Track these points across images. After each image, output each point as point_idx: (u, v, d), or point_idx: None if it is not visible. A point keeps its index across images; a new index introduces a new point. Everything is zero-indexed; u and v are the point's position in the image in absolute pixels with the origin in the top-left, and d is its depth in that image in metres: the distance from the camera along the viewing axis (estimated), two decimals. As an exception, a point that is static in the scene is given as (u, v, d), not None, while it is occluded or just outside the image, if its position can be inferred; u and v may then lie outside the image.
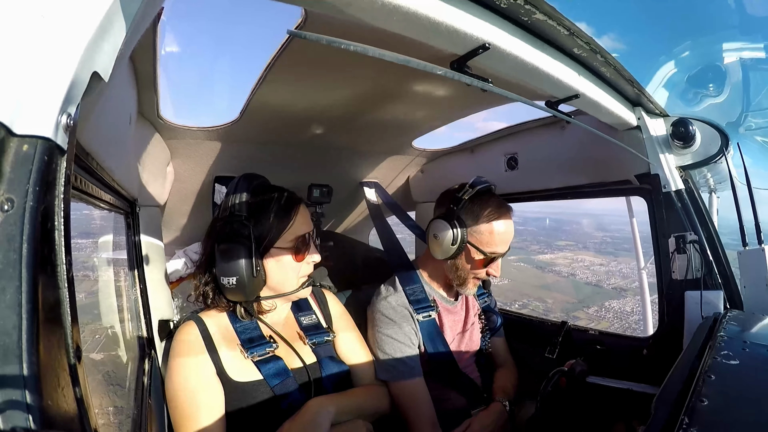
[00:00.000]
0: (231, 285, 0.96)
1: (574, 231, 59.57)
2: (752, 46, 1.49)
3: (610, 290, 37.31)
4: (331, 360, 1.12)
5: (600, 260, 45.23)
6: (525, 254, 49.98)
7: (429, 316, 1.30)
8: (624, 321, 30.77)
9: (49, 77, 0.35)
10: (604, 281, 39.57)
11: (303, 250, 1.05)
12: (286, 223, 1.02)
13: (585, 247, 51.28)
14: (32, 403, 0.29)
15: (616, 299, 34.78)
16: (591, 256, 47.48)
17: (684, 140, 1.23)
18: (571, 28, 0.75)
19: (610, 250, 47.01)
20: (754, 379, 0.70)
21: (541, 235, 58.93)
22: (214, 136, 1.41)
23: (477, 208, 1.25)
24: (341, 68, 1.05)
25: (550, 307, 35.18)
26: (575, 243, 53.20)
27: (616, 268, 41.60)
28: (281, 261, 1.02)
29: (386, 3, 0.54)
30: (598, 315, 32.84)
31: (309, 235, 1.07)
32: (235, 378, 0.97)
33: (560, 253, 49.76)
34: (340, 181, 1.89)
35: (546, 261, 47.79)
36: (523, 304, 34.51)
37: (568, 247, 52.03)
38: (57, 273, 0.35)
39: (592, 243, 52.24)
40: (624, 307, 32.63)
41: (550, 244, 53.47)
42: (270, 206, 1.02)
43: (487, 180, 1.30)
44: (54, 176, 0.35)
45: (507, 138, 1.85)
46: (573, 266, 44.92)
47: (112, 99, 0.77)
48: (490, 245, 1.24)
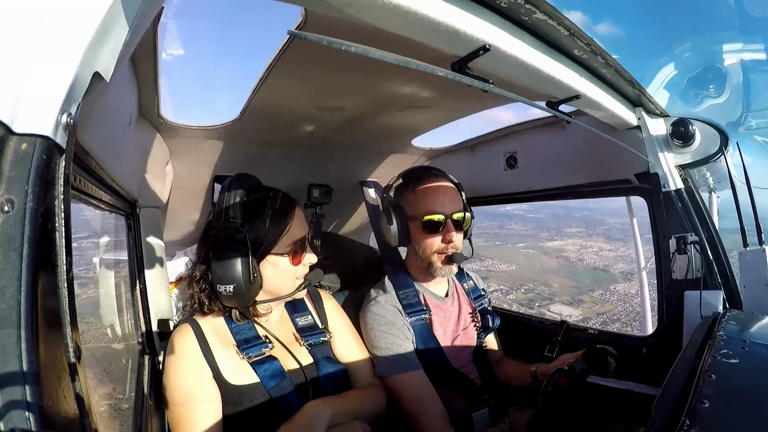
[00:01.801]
0: (228, 293, 0.95)
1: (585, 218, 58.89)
2: (752, 47, 1.49)
3: (616, 275, 37.34)
4: (328, 361, 1.12)
5: (609, 246, 44.95)
6: (534, 241, 49.73)
7: (421, 320, 1.29)
8: (628, 303, 30.94)
9: (49, 77, 0.35)
10: (612, 266, 39.58)
11: (299, 253, 1.04)
12: (282, 228, 1.01)
13: (595, 234, 50.82)
14: (32, 403, 0.30)
15: (621, 283, 34.97)
16: (601, 242, 47.18)
17: (683, 139, 1.23)
18: (572, 29, 0.75)
19: (620, 236, 46.54)
20: (754, 378, 0.70)
21: (551, 222, 58.43)
22: (214, 135, 1.41)
23: (402, 186, 1.35)
24: (342, 68, 1.05)
25: (555, 291, 35.48)
26: (585, 230, 52.67)
27: (625, 253, 41.26)
28: (278, 266, 1.02)
29: (386, 3, 0.54)
30: (603, 298, 33.17)
31: (305, 238, 1.07)
32: (231, 381, 0.96)
33: (569, 240, 49.39)
34: (340, 181, 1.88)
35: (554, 247, 47.55)
36: (528, 288, 34.92)
37: (578, 234, 51.49)
38: (57, 273, 0.35)
39: (602, 229, 51.67)
40: (629, 290, 32.75)
41: (560, 231, 52.93)
42: (265, 211, 1.00)
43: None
44: (53, 175, 0.35)
45: (507, 137, 1.85)
46: (581, 252, 44.84)
47: (113, 99, 0.77)
48: (421, 207, 1.26)
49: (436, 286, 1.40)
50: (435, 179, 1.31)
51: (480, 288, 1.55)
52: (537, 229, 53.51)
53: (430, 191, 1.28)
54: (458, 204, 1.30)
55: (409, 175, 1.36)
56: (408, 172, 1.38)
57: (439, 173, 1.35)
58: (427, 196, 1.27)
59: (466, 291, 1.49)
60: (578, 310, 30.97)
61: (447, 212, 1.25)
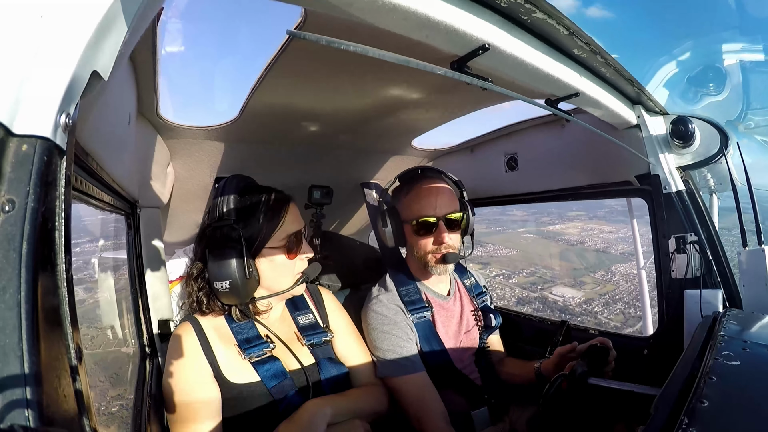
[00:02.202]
0: (224, 288, 0.95)
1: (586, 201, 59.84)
2: (753, 47, 1.49)
3: (617, 255, 37.46)
4: (330, 361, 1.12)
5: (610, 228, 45.05)
6: (535, 226, 49.87)
7: (424, 317, 1.29)
8: (629, 283, 31.00)
9: (48, 76, 0.35)
10: (612, 247, 39.75)
11: (295, 247, 1.05)
12: (276, 223, 1.02)
13: (596, 216, 50.87)
14: (33, 402, 0.29)
15: (622, 263, 35.13)
16: (601, 225, 47.26)
17: (683, 139, 1.23)
18: (571, 28, 0.75)
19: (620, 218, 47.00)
20: (755, 380, 0.70)
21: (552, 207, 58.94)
22: (214, 136, 1.41)
23: (398, 189, 1.38)
24: (341, 68, 1.05)
25: (557, 273, 35.77)
26: (586, 212, 52.86)
27: (626, 234, 41.32)
28: (274, 260, 1.02)
29: (386, 2, 0.54)
30: (604, 279, 33.39)
31: (300, 233, 1.07)
32: (232, 379, 0.96)
33: (570, 224, 49.52)
34: (341, 182, 1.88)
35: (556, 231, 47.71)
36: (530, 272, 35.17)
37: (578, 217, 51.51)
38: (57, 273, 0.35)
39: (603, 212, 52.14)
40: (630, 270, 32.57)
41: (561, 215, 53.01)
42: (259, 207, 1.02)
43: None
44: (54, 176, 0.35)
45: (507, 137, 1.85)
46: (582, 235, 45.00)
47: (111, 98, 0.77)
48: (414, 210, 1.29)
49: (437, 284, 1.40)
50: (429, 181, 1.32)
51: (481, 285, 1.55)
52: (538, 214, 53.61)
53: (423, 193, 1.29)
54: (453, 205, 1.30)
55: (405, 176, 1.39)
56: (404, 174, 1.40)
57: (436, 174, 1.36)
58: (419, 200, 1.29)
59: (468, 288, 1.49)
60: (580, 291, 31.05)
61: (439, 214, 1.26)
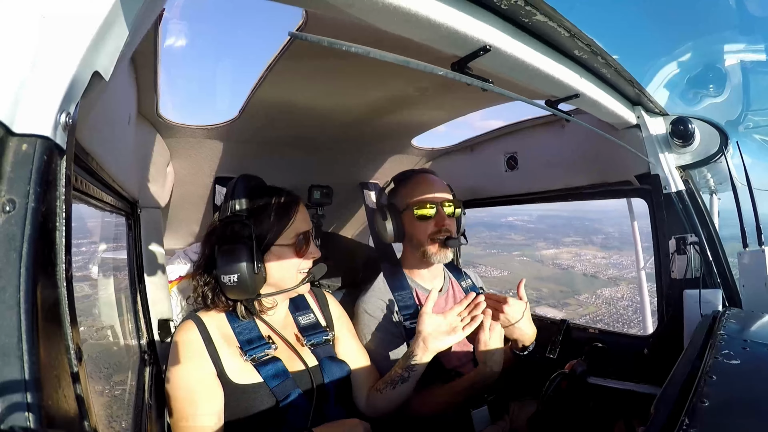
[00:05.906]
0: (232, 282, 0.96)
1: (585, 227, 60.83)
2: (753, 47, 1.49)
3: (605, 280, 38.87)
4: (332, 361, 1.12)
5: (603, 254, 46.60)
6: (530, 250, 50.87)
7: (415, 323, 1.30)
8: (612, 306, 32.09)
9: (49, 77, 0.35)
10: (602, 272, 41.15)
11: (304, 246, 1.07)
12: (286, 222, 1.04)
13: (591, 242, 52.52)
14: (33, 403, 0.29)
15: (608, 287, 36.48)
16: (595, 251, 48.79)
17: (683, 139, 1.23)
18: (572, 30, 0.75)
19: (615, 244, 48.31)
20: (755, 379, 0.70)
21: (549, 232, 59.91)
22: (213, 135, 1.41)
23: (394, 189, 1.43)
24: (342, 68, 1.05)
25: (543, 294, 36.90)
26: (582, 239, 54.60)
27: (617, 260, 42.96)
28: (282, 258, 1.04)
29: (387, 4, 0.54)
30: (588, 301, 34.53)
31: (309, 233, 1.09)
32: (235, 380, 0.97)
33: (565, 249, 50.93)
34: (341, 182, 1.88)
35: (549, 255, 49.00)
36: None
37: (574, 243, 53.25)
38: (57, 273, 0.35)
39: (598, 238, 53.59)
40: (615, 294, 34.17)
41: (557, 241, 54.75)
42: (270, 206, 1.03)
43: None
44: (54, 176, 0.35)
45: (507, 136, 1.84)
46: (574, 260, 46.34)
47: (112, 98, 0.77)
48: (414, 195, 1.34)
49: (431, 281, 1.42)
50: (426, 176, 1.40)
51: (478, 286, 1.55)
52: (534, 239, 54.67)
53: (420, 182, 1.37)
54: (449, 196, 1.37)
55: (400, 176, 1.45)
56: (400, 174, 1.46)
57: (430, 172, 1.44)
58: (418, 187, 1.35)
59: (464, 290, 1.50)
60: (561, 311, 31.74)
61: (437, 200, 1.32)
